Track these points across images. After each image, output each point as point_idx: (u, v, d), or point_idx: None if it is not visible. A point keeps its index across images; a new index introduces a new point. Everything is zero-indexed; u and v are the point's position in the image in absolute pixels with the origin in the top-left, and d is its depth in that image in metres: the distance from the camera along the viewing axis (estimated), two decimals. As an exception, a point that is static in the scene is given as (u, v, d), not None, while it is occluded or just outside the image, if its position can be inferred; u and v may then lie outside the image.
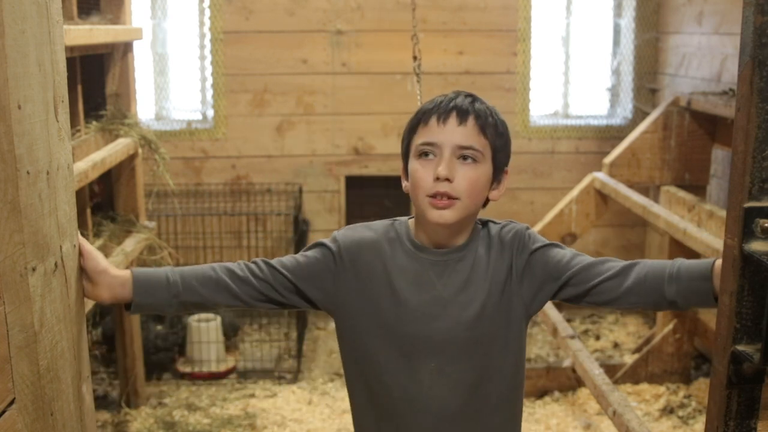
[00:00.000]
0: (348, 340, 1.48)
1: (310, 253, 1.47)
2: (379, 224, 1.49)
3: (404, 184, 1.46)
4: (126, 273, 1.37)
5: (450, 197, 1.35)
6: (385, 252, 1.43)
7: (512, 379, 1.46)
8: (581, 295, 1.39)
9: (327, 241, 1.47)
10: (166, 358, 3.80)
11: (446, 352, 1.40)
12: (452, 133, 1.36)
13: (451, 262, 1.41)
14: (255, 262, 1.45)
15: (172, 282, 1.38)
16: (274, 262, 1.45)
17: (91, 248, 1.34)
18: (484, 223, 1.47)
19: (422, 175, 1.36)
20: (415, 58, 2.72)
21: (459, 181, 1.35)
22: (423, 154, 1.38)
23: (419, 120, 1.41)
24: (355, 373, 1.48)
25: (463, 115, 1.36)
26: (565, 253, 1.42)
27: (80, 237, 1.34)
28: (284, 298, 1.44)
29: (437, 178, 1.34)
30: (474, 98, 1.40)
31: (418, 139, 1.39)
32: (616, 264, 1.38)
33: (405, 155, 1.45)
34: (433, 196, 1.35)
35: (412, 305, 1.40)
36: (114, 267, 1.37)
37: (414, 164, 1.39)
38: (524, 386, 1.51)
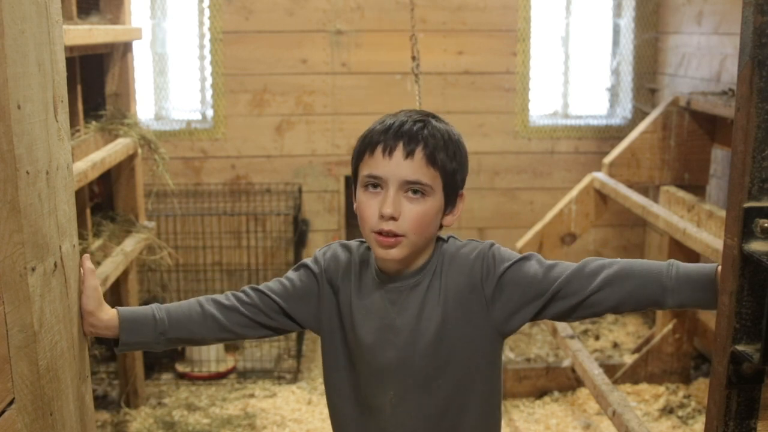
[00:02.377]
0: (327, 361, 1.47)
1: (294, 275, 1.46)
2: (357, 245, 1.46)
3: (355, 205, 1.39)
4: (112, 315, 1.37)
5: (396, 235, 1.29)
6: (355, 275, 1.42)
7: (484, 405, 1.40)
8: (570, 310, 1.30)
9: (309, 262, 1.46)
10: (166, 357, 3.80)
11: (403, 381, 1.36)
12: (398, 167, 1.28)
13: (405, 290, 1.36)
14: (243, 291, 1.45)
15: (158, 320, 1.39)
16: (261, 287, 1.45)
17: (89, 285, 1.34)
18: (444, 241, 1.40)
19: (367, 209, 1.31)
20: (413, 58, 2.72)
21: (405, 218, 1.28)
22: (369, 186, 1.31)
23: (365, 148, 1.33)
24: (331, 395, 1.47)
25: (410, 145, 1.28)
26: (537, 267, 1.32)
27: (88, 264, 1.35)
28: (273, 321, 1.44)
29: (382, 216, 1.28)
30: (425, 122, 1.31)
31: (364, 170, 1.32)
32: (597, 267, 1.29)
33: (354, 179, 1.39)
34: (379, 233, 1.30)
35: (366, 333, 1.38)
36: (103, 307, 1.36)
37: (360, 195, 1.34)
38: (500, 408, 1.45)
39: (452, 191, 1.35)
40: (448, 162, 1.31)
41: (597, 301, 1.28)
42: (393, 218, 1.28)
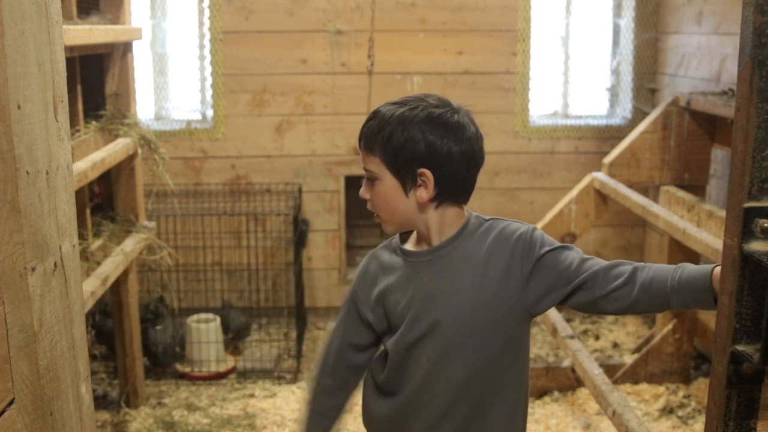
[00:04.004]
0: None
1: (343, 313, 1.60)
2: (381, 244, 1.59)
3: None
4: None
5: (376, 214, 1.50)
6: (387, 265, 1.52)
7: (511, 377, 1.48)
8: (591, 303, 1.41)
9: (348, 294, 1.59)
10: (166, 357, 3.79)
11: (437, 347, 1.45)
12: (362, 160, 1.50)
13: (438, 259, 1.46)
14: (339, 355, 1.62)
15: None
16: (344, 346, 1.60)
17: None
18: (488, 220, 1.50)
19: None
20: (369, 56, 2.89)
21: (372, 200, 1.48)
22: None
23: None
24: (365, 384, 1.62)
25: (361, 140, 1.48)
26: (575, 256, 1.42)
27: None
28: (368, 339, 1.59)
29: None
30: (375, 113, 1.46)
31: None
32: (625, 269, 1.38)
33: None
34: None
35: (406, 307, 1.46)
36: None
37: None
38: (528, 387, 1.54)
39: (401, 170, 1.43)
40: (385, 150, 1.43)
41: (614, 299, 1.38)
42: (367, 200, 1.49)
